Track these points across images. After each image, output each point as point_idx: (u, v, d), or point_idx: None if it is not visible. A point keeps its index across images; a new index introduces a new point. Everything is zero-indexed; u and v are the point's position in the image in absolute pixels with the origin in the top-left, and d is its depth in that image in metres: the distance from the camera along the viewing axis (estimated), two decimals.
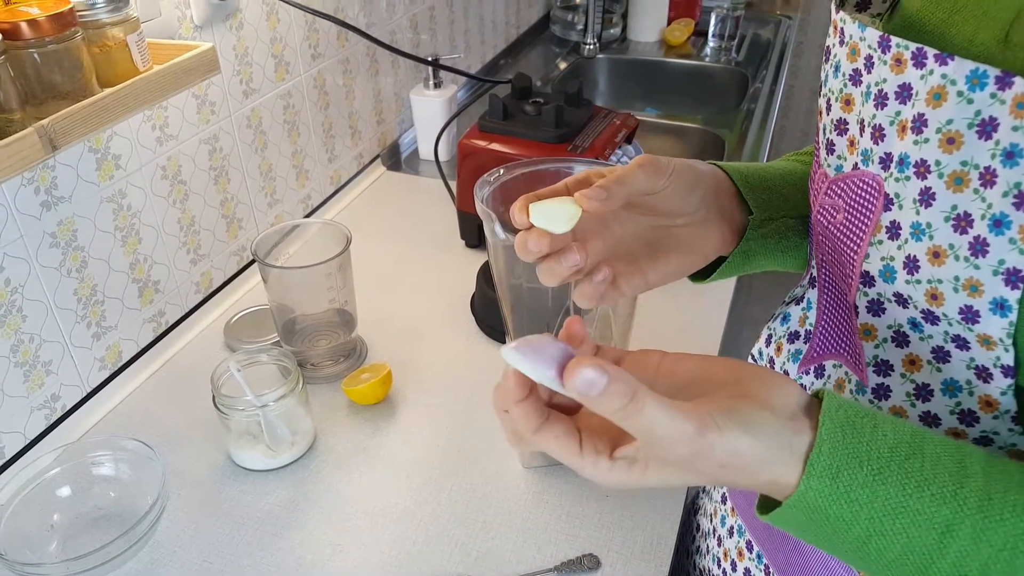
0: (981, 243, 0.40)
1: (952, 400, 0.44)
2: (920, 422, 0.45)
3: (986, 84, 0.38)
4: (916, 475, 0.38)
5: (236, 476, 0.80)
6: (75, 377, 0.85)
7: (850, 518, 0.38)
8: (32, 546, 0.70)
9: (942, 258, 0.41)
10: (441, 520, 0.74)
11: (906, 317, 0.45)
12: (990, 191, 0.39)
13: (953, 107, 0.39)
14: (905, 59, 0.42)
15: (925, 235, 0.42)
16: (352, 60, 1.24)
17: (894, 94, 0.42)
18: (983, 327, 0.41)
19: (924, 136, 0.41)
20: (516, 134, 1.07)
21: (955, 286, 0.41)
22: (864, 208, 0.46)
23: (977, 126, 0.39)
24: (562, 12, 2.01)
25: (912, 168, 0.42)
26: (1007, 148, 0.38)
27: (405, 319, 1.01)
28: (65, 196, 0.79)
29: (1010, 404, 0.42)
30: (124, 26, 0.67)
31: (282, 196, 1.14)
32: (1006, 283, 0.39)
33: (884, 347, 0.47)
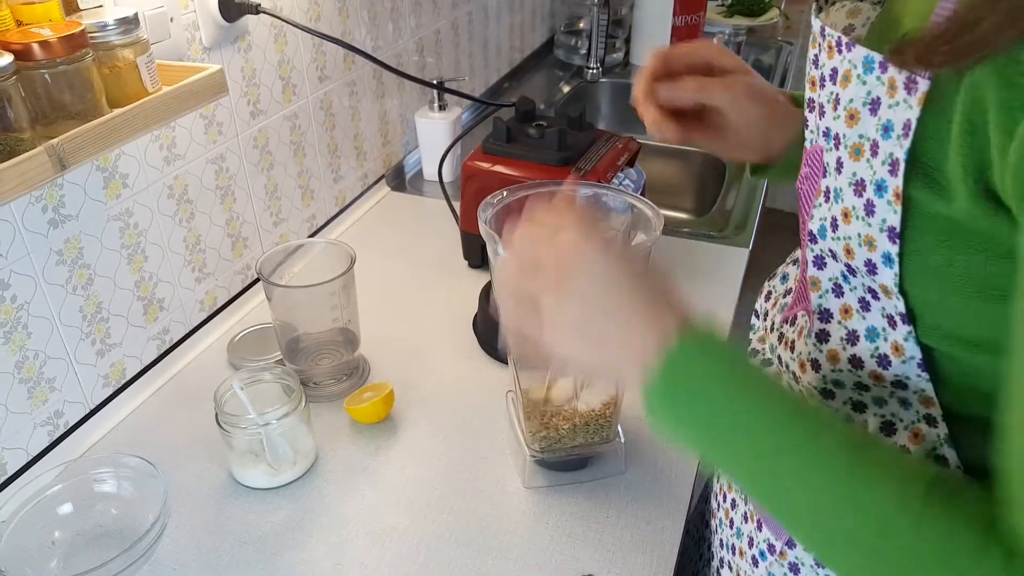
0: (870, 205, 0.46)
1: (872, 345, 0.51)
2: (848, 364, 0.52)
3: (873, 68, 0.45)
4: (762, 373, 0.48)
5: (238, 494, 0.80)
6: (79, 394, 0.85)
7: (711, 378, 0.46)
8: (33, 563, 0.70)
9: (849, 218, 0.48)
10: (442, 540, 0.74)
11: (839, 270, 0.52)
12: (875, 159, 0.45)
13: (854, 88, 0.47)
14: (833, 46, 0.49)
15: (840, 198, 0.49)
16: (358, 82, 1.25)
17: (828, 76, 0.50)
18: (880, 278, 0.47)
19: (837, 113, 0.48)
20: (519, 156, 1.08)
21: (859, 242, 0.48)
22: (815, 176, 0.53)
23: (869, 104, 0.46)
24: (566, 36, 2.03)
25: (832, 140, 0.49)
26: (884, 123, 0.44)
27: (408, 339, 1.01)
28: (72, 214, 0.80)
29: (914, 351, 0.48)
30: (134, 48, 0.68)
31: (287, 216, 1.15)
32: (889, 239, 0.46)
33: (826, 297, 0.54)
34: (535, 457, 0.78)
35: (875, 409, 0.53)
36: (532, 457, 0.78)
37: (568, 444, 0.78)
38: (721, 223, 1.28)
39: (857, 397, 0.54)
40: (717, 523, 0.73)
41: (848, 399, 0.54)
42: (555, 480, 0.80)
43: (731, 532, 0.69)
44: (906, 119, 0.43)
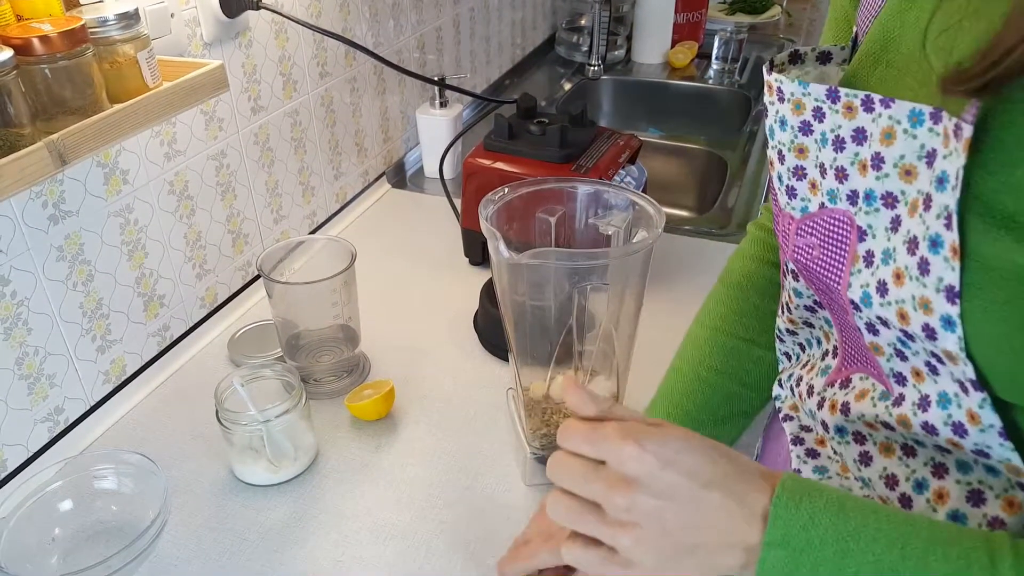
0: (925, 263, 0.42)
1: (945, 412, 0.46)
2: (922, 430, 0.47)
3: (923, 120, 0.43)
4: (871, 505, 0.44)
5: (238, 491, 0.79)
6: (79, 390, 0.85)
7: (818, 542, 0.42)
8: (33, 559, 0.70)
9: (902, 279, 0.44)
10: (443, 537, 0.74)
11: (895, 335, 0.47)
12: (928, 214, 0.42)
13: (902, 143, 0.44)
14: (855, 106, 0.46)
15: (891, 259, 0.45)
16: (359, 79, 1.25)
17: (850, 137, 0.47)
18: (941, 343, 0.43)
19: (884, 171, 0.45)
20: (521, 153, 1.08)
21: (913, 305, 0.43)
22: (838, 242, 0.49)
23: (925, 157, 0.43)
24: (567, 34, 2.02)
25: (880, 201, 0.46)
26: (939, 175, 0.42)
27: (408, 336, 1.01)
28: (72, 210, 0.80)
29: (992, 418, 0.43)
30: (135, 43, 0.68)
31: (288, 212, 1.14)
32: (947, 299, 0.42)
33: (893, 360, 0.49)
34: (536, 454, 0.78)
35: (959, 475, 0.49)
36: (533, 454, 0.78)
37: None
38: (723, 221, 1.28)
39: (940, 459, 0.50)
40: None
41: (930, 459, 0.50)
42: None
43: None
44: (956, 168, 0.40)
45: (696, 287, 1.09)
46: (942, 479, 0.49)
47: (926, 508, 0.50)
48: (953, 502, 0.48)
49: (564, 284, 0.70)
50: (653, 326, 0.92)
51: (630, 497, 0.44)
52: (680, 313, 1.03)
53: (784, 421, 0.64)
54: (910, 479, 0.51)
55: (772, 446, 0.75)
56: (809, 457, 0.60)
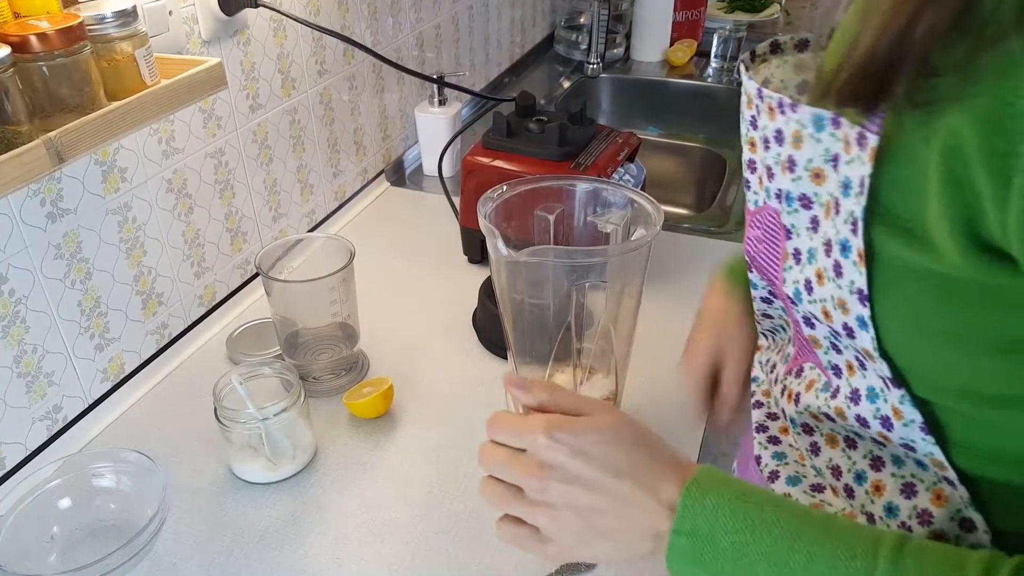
0: (838, 266, 0.44)
1: (873, 406, 0.48)
2: (856, 422, 0.50)
3: (825, 125, 0.43)
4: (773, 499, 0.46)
5: (237, 489, 0.79)
6: (77, 388, 0.85)
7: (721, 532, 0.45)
8: (32, 557, 0.70)
9: (823, 279, 0.46)
10: (441, 534, 0.74)
11: (826, 331, 0.49)
12: (838, 218, 0.44)
13: (810, 147, 0.44)
14: (774, 108, 0.47)
15: (814, 259, 0.47)
16: (358, 77, 1.25)
17: (773, 138, 0.48)
18: (860, 342, 0.45)
19: (797, 174, 0.46)
20: (519, 151, 1.08)
21: (833, 304, 0.45)
22: (773, 238, 0.51)
23: (831, 161, 0.44)
24: (566, 32, 2.02)
25: (797, 202, 0.47)
26: (843, 180, 0.43)
27: (407, 334, 1.01)
28: (71, 208, 0.80)
29: (912, 414, 0.46)
30: (133, 40, 0.68)
31: (286, 210, 1.14)
32: (859, 301, 0.43)
33: (830, 353, 0.51)
34: None
35: (894, 468, 0.51)
36: None
37: None
38: (721, 219, 1.28)
39: (877, 452, 0.52)
40: None
41: (868, 452, 0.52)
42: None
43: None
44: (860, 176, 0.41)
45: (694, 285, 1.09)
46: (879, 471, 0.51)
47: (866, 499, 0.52)
48: (888, 494, 0.51)
49: (563, 282, 0.70)
50: (652, 324, 0.92)
51: (543, 481, 0.48)
52: (678, 311, 1.03)
53: (754, 408, 0.66)
54: (851, 470, 0.53)
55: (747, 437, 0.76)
56: (771, 444, 0.62)
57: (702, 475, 0.47)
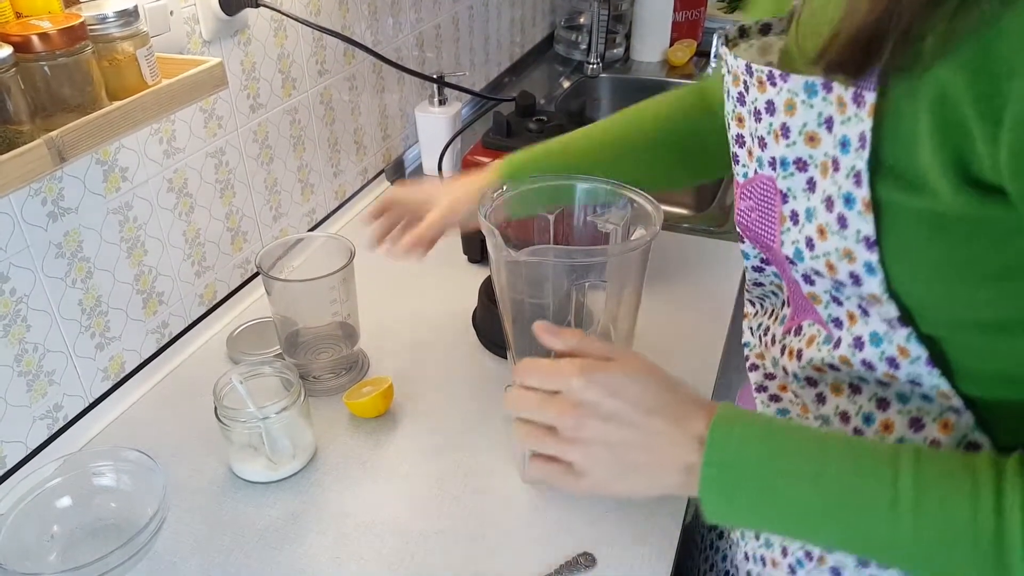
0: (842, 218, 0.47)
1: (878, 349, 0.51)
2: (862, 367, 0.53)
3: (817, 91, 0.47)
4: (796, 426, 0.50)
5: (237, 488, 0.80)
6: (78, 387, 0.85)
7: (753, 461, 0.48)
8: (32, 556, 0.70)
9: (825, 234, 0.49)
10: (441, 534, 0.74)
11: (829, 284, 0.52)
12: (838, 175, 0.47)
13: (803, 113, 0.48)
14: (764, 80, 0.50)
15: (813, 217, 0.49)
16: (358, 76, 1.25)
17: (764, 109, 0.51)
18: (866, 288, 0.48)
19: (792, 140, 0.49)
20: None
21: (838, 256, 0.48)
22: (767, 204, 0.54)
23: (824, 124, 0.47)
24: (566, 32, 2.02)
25: (793, 166, 0.50)
26: (841, 138, 0.46)
27: (407, 333, 1.01)
28: (72, 207, 0.80)
29: (919, 350, 0.49)
30: (134, 40, 0.68)
31: (287, 210, 1.15)
32: (866, 248, 0.46)
33: (830, 306, 0.54)
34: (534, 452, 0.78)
35: (899, 406, 0.54)
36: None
37: None
38: (720, 218, 1.28)
39: (882, 393, 0.54)
40: (739, 536, 0.71)
41: (873, 394, 0.55)
42: None
43: (758, 544, 0.67)
44: (860, 131, 0.44)
45: (694, 285, 1.09)
46: (886, 411, 0.54)
47: (876, 438, 0.55)
48: (898, 430, 0.54)
49: (563, 281, 0.70)
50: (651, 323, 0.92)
51: (578, 419, 0.52)
52: (678, 310, 1.04)
53: (750, 371, 0.68)
54: (859, 414, 0.56)
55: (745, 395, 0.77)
56: (772, 401, 0.65)
57: (725, 410, 0.50)
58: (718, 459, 0.48)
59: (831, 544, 0.53)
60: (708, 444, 0.49)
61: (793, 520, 0.48)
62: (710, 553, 0.83)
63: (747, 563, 0.69)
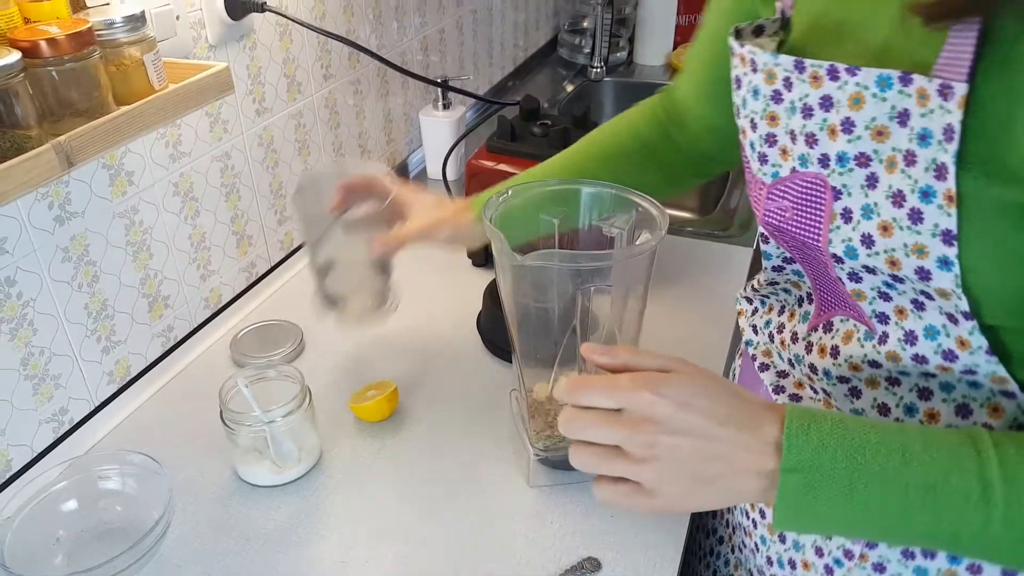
0: (917, 212, 0.46)
1: (934, 342, 0.51)
2: (913, 362, 0.52)
3: (892, 84, 0.46)
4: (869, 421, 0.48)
5: (242, 492, 0.80)
6: (83, 391, 0.85)
7: (830, 462, 0.46)
8: (37, 560, 0.70)
9: (890, 230, 0.48)
10: (446, 538, 0.74)
11: (881, 280, 0.52)
12: (913, 169, 0.46)
13: (872, 106, 0.47)
14: (821, 75, 0.49)
15: (874, 213, 0.49)
16: (363, 80, 1.25)
17: (818, 105, 0.50)
18: (936, 282, 0.48)
19: (856, 134, 0.48)
20: (523, 155, 1.08)
21: (906, 251, 0.48)
22: (814, 202, 0.52)
23: (896, 117, 0.46)
24: (569, 36, 2.03)
25: (853, 161, 0.49)
26: (920, 132, 0.45)
27: (412, 337, 1.01)
28: (78, 211, 0.80)
29: (980, 341, 0.49)
30: (141, 45, 0.68)
31: (292, 213, 1.15)
32: (944, 242, 0.46)
33: (876, 302, 0.54)
34: (539, 456, 0.78)
35: (943, 395, 0.53)
36: (536, 456, 0.78)
37: None
38: (725, 222, 1.28)
39: (924, 384, 0.54)
40: (758, 541, 0.70)
41: (915, 385, 0.54)
42: (559, 479, 0.80)
43: (784, 547, 0.66)
44: (946, 124, 0.44)
45: (699, 288, 1.09)
46: (929, 400, 0.54)
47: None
48: (944, 419, 0.53)
49: (568, 286, 0.70)
50: (657, 327, 0.92)
51: (650, 436, 0.48)
52: (683, 314, 1.04)
53: (761, 371, 0.67)
54: (900, 405, 0.55)
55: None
56: (792, 401, 0.63)
57: (795, 411, 0.48)
58: (796, 463, 0.46)
59: (912, 542, 0.52)
60: (786, 448, 0.47)
61: (875, 520, 0.46)
62: (711, 560, 0.83)
63: (771, 567, 0.68)
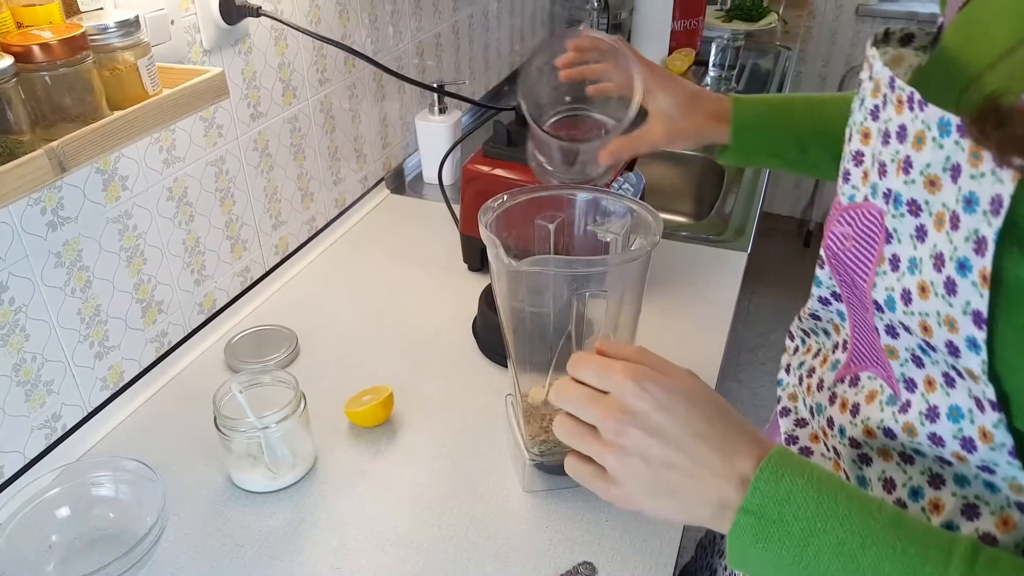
0: (951, 283, 0.41)
1: (955, 426, 0.45)
2: (928, 441, 0.47)
3: (950, 131, 0.40)
4: (848, 490, 0.45)
5: (236, 498, 0.79)
6: (76, 397, 0.85)
7: (790, 518, 0.44)
8: (30, 567, 0.70)
9: (927, 293, 0.43)
10: (442, 544, 0.74)
11: (915, 343, 0.46)
12: (955, 234, 0.40)
13: (930, 151, 0.41)
14: (904, 101, 0.44)
15: (917, 269, 0.43)
16: (359, 85, 1.25)
17: (895, 133, 0.45)
18: (964, 362, 0.42)
19: (911, 177, 0.43)
20: (520, 160, 1.08)
21: (938, 320, 0.42)
22: (869, 239, 0.48)
23: (949, 170, 0.40)
24: None
25: (905, 206, 0.44)
26: (967, 195, 0.39)
27: (407, 341, 1.01)
28: (71, 216, 0.80)
29: (1004, 438, 0.43)
30: (135, 50, 0.68)
31: (287, 218, 1.15)
32: (974, 323, 0.40)
33: (907, 365, 0.49)
34: (534, 461, 0.78)
35: (955, 487, 0.48)
36: (531, 461, 0.78)
37: (567, 448, 0.78)
38: (720, 227, 1.28)
39: (937, 470, 0.49)
40: None
41: (927, 468, 0.50)
42: (554, 484, 0.80)
43: None
44: (995, 194, 0.38)
45: (693, 293, 1.09)
46: (938, 489, 0.49)
47: (920, 516, 0.50)
48: (947, 514, 0.48)
49: (563, 291, 0.70)
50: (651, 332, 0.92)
51: (622, 424, 0.49)
52: (677, 319, 1.03)
53: (781, 416, 0.64)
54: (907, 485, 0.51)
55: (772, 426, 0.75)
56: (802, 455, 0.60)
57: (777, 455, 0.46)
58: (757, 508, 0.45)
59: None
60: (751, 489, 0.45)
61: None
62: (712, 559, 0.83)
63: None
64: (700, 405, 0.49)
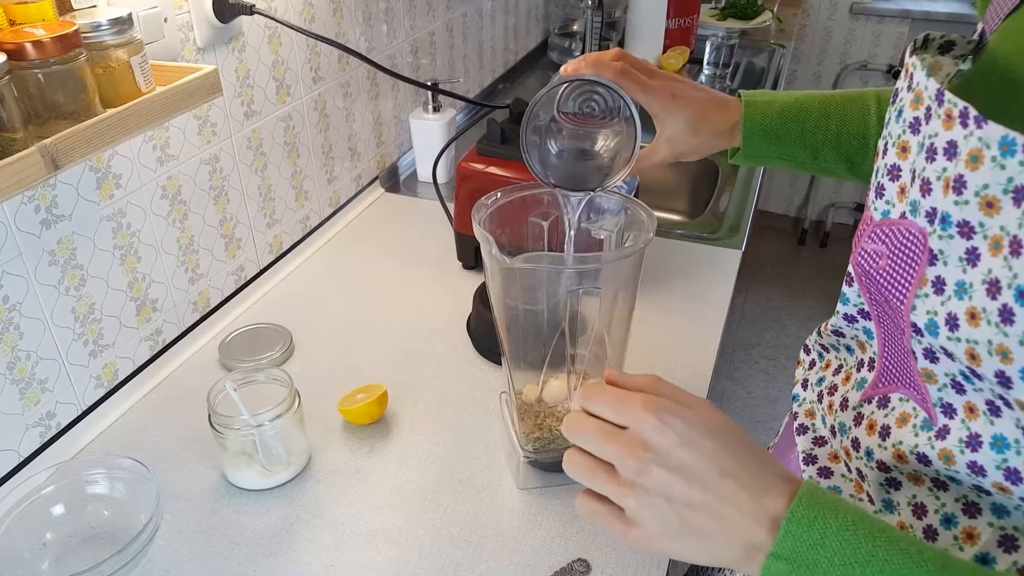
0: (1008, 312, 0.39)
1: (999, 456, 0.43)
2: (968, 470, 0.45)
3: (1015, 151, 0.38)
4: (885, 532, 0.42)
5: (231, 496, 0.79)
6: (71, 395, 0.85)
7: (825, 564, 0.41)
8: (24, 564, 0.70)
9: (977, 320, 0.41)
10: (436, 541, 0.74)
11: (958, 369, 0.44)
12: (1016, 260, 0.38)
13: (988, 171, 0.39)
14: (954, 116, 0.41)
15: (966, 295, 0.41)
16: (353, 83, 1.25)
17: (943, 150, 0.42)
18: (1016, 393, 0.40)
19: (964, 197, 0.41)
20: (514, 158, 1.08)
21: (989, 349, 0.40)
22: (909, 259, 0.45)
23: (1012, 192, 0.38)
24: (560, 39, 2.03)
25: (955, 227, 0.41)
26: None
27: (402, 339, 1.01)
28: (65, 214, 0.80)
29: None
30: (128, 48, 0.68)
31: (281, 216, 1.14)
32: None
33: (946, 391, 0.46)
34: (529, 458, 0.78)
35: (992, 517, 0.46)
36: (526, 458, 0.78)
37: (562, 445, 0.78)
38: (714, 225, 1.28)
39: (973, 498, 0.47)
40: None
41: (963, 496, 0.48)
42: (549, 481, 0.80)
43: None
44: None
45: (687, 291, 1.09)
46: (974, 519, 0.47)
47: (952, 545, 0.48)
48: (984, 544, 0.46)
49: (557, 288, 0.70)
50: (645, 329, 0.93)
51: (644, 464, 0.45)
52: (671, 316, 1.04)
53: (798, 434, 0.62)
54: (939, 512, 0.49)
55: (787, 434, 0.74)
56: (821, 477, 0.58)
57: (808, 494, 0.43)
58: (790, 553, 0.42)
59: None
60: (783, 532, 0.42)
61: None
62: None
63: None
64: (725, 440, 0.46)
